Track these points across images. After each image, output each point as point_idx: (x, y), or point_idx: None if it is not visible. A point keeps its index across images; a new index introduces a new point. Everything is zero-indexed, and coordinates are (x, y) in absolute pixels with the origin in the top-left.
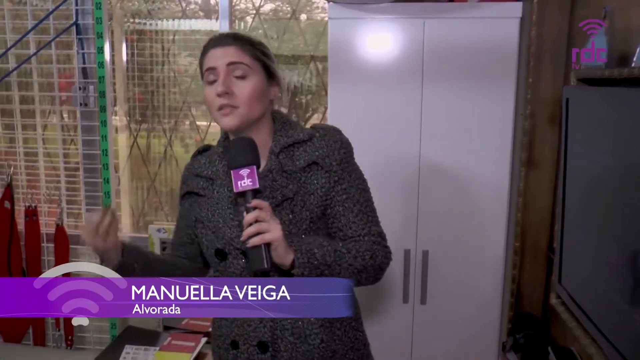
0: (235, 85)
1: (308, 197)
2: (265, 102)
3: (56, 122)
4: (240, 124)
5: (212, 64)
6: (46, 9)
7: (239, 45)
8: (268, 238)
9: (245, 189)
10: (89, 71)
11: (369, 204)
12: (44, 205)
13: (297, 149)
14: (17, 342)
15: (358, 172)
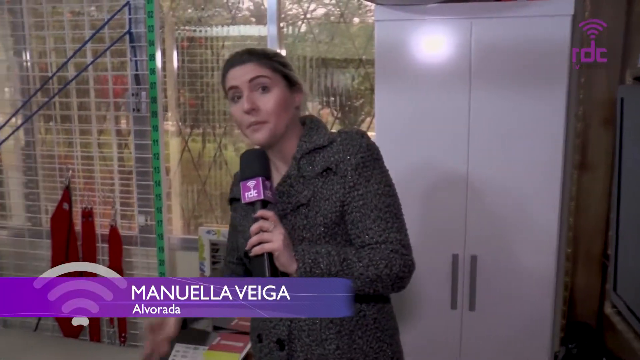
0: (259, 100)
1: (323, 203)
2: (291, 110)
3: (111, 127)
4: (270, 137)
5: (233, 83)
6: (102, 18)
7: (256, 60)
8: (268, 248)
9: (251, 200)
10: (142, 78)
11: (389, 210)
12: (99, 206)
13: (318, 154)
14: (74, 337)
15: (379, 177)
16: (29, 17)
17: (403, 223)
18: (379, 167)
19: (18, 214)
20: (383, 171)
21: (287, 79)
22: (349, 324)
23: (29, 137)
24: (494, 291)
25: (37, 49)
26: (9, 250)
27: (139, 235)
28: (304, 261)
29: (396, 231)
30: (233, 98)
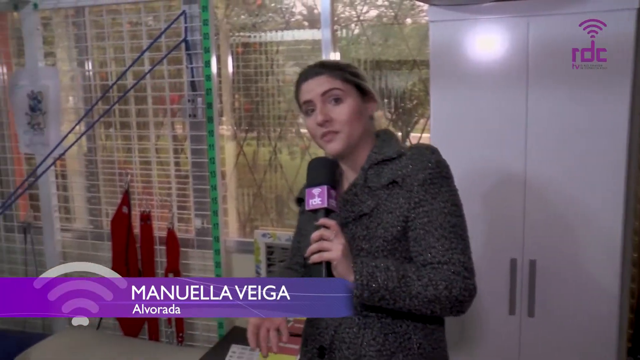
0: (332, 111)
1: (386, 216)
2: (364, 120)
3: (167, 133)
4: (344, 147)
5: (307, 97)
6: (158, 28)
7: (328, 72)
8: (326, 257)
9: (315, 207)
10: (197, 84)
11: (455, 230)
12: (157, 210)
13: (387, 166)
14: (134, 336)
15: (447, 196)
16: (91, 29)
17: (468, 245)
18: (447, 185)
19: (81, 216)
20: (451, 190)
21: (359, 88)
22: (391, 345)
23: (90, 144)
24: (554, 297)
25: (98, 59)
26: (73, 252)
27: (195, 238)
28: (361, 273)
29: (460, 253)
30: (307, 112)
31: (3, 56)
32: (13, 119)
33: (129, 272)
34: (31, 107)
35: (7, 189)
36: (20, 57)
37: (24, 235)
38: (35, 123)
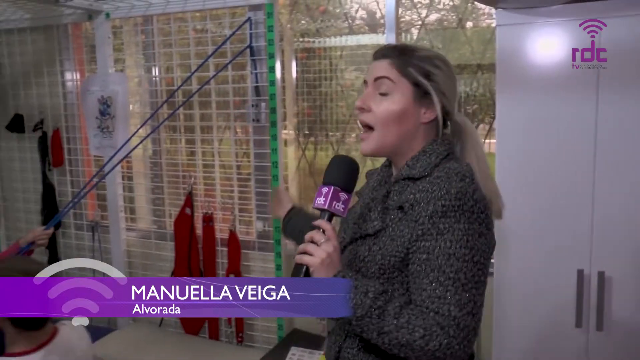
0: (374, 100)
1: (389, 242)
2: (409, 125)
3: (230, 136)
4: (375, 150)
5: (366, 77)
6: (223, 34)
7: (392, 58)
8: (305, 260)
9: (319, 207)
10: (261, 89)
11: (457, 277)
12: (219, 212)
13: (410, 185)
14: (194, 334)
15: (457, 235)
16: (158, 37)
17: (471, 299)
18: (464, 221)
19: (144, 217)
20: (467, 229)
21: (417, 86)
22: None
23: (155, 147)
24: (624, 310)
25: (165, 65)
26: (137, 251)
27: (257, 240)
28: None
29: (455, 305)
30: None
31: (77, 63)
32: (84, 122)
33: (190, 272)
34: (101, 112)
35: (77, 189)
36: (92, 64)
37: (92, 233)
38: (104, 127)
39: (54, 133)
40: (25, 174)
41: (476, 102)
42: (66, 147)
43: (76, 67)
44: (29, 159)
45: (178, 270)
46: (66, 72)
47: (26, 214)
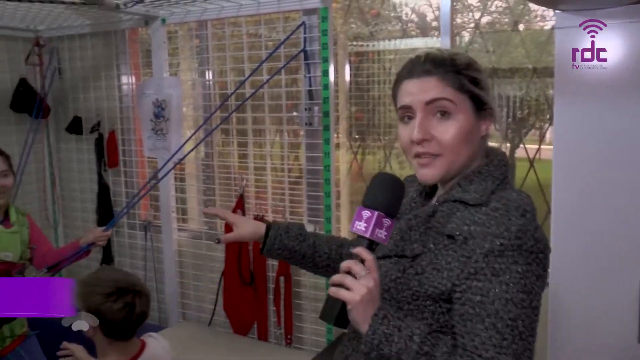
0: (435, 127)
1: (430, 270)
2: (474, 142)
3: (282, 140)
4: (441, 176)
5: (406, 101)
6: (276, 39)
7: (441, 74)
8: (342, 295)
9: (358, 232)
10: (314, 93)
11: (515, 324)
12: (270, 215)
13: (460, 210)
14: (243, 334)
15: (515, 278)
16: (212, 41)
17: (527, 348)
18: (522, 262)
19: (196, 218)
20: (525, 271)
21: (475, 100)
22: None
23: (208, 149)
24: None
25: (218, 69)
26: (188, 251)
27: None
28: (376, 331)
29: (512, 355)
30: (403, 117)
31: (133, 68)
32: (138, 125)
33: (241, 273)
34: (155, 114)
35: (131, 190)
36: (146, 68)
37: (144, 232)
38: (158, 129)
39: (109, 135)
40: (82, 174)
41: (528, 106)
42: (121, 149)
43: (132, 71)
44: (86, 160)
45: (228, 271)
46: (122, 76)
47: (82, 212)
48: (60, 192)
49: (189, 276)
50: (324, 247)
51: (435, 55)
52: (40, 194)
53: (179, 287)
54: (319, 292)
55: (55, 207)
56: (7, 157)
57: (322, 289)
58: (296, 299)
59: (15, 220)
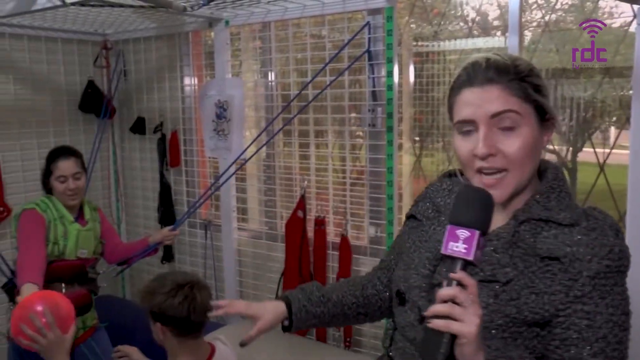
0: (500, 141)
1: (527, 295)
2: (538, 155)
3: (345, 141)
4: (511, 194)
5: (467, 113)
6: (338, 39)
7: (504, 83)
8: (456, 329)
9: (454, 255)
10: (378, 94)
11: (620, 347)
12: (331, 216)
13: (548, 229)
14: (302, 335)
15: (618, 300)
16: (275, 42)
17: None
18: (621, 284)
19: (256, 218)
20: (623, 292)
21: (538, 109)
22: None
23: (269, 150)
24: None
25: (281, 70)
26: (248, 250)
27: (368, 245)
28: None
29: None
30: (462, 131)
31: (195, 69)
32: (200, 125)
33: (301, 274)
34: (217, 115)
35: (192, 189)
36: (209, 69)
37: (204, 231)
38: (220, 129)
39: (172, 135)
40: (145, 173)
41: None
42: (183, 149)
43: (194, 73)
44: (148, 159)
45: (288, 272)
46: (185, 78)
47: (144, 210)
48: (123, 190)
49: (248, 275)
50: (349, 298)
51: (498, 60)
52: (105, 191)
53: (239, 286)
54: None
55: (118, 205)
56: (80, 157)
57: None
58: None
59: (89, 217)
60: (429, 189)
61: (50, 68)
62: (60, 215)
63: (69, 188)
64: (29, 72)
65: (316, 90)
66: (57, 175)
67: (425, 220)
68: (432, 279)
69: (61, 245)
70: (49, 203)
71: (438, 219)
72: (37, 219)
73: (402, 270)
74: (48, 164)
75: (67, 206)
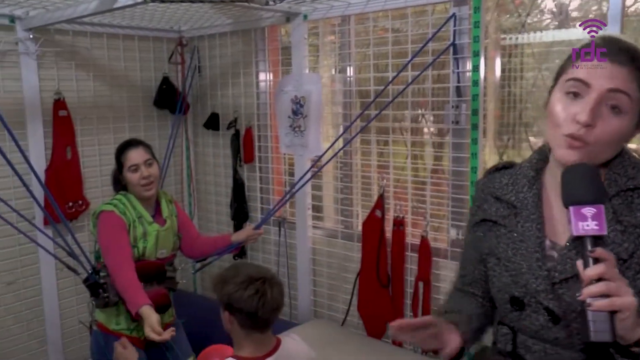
0: (601, 117)
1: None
2: (620, 146)
3: (427, 139)
4: (581, 160)
5: (585, 76)
6: (420, 33)
7: (633, 69)
8: (619, 304)
9: (588, 234)
10: (462, 90)
11: None
12: (410, 216)
13: (637, 196)
14: (377, 338)
15: None
16: (354, 36)
17: None
18: None
19: (331, 216)
20: None
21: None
22: None
23: (346, 147)
24: None
25: (359, 65)
26: (323, 249)
27: (449, 248)
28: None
29: None
30: (569, 90)
31: (271, 65)
32: (275, 122)
33: (379, 276)
34: (293, 111)
35: (265, 185)
36: (285, 65)
37: (278, 228)
38: (296, 126)
39: (246, 131)
40: (217, 169)
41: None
42: (257, 145)
43: (270, 68)
44: (221, 155)
45: (364, 272)
46: (260, 73)
47: (216, 205)
48: (195, 186)
49: (322, 274)
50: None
51: (631, 47)
52: (178, 186)
53: (312, 285)
54: None
55: (191, 200)
56: (148, 146)
57: None
58: (434, 306)
59: (167, 215)
60: (486, 189)
61: (127, 65)
62: (138, 215)
63: (143, 176)
64: (108, 69)
65: (395, 86)
66: (129, 165)
67: (501, 219)
68: (552, 279)
69: (141, 247)
70: (126, 202)
71: (517, 217)
72: (118, 223)
73: (508, 277)
74: (118, 158)
75: (143, 200)
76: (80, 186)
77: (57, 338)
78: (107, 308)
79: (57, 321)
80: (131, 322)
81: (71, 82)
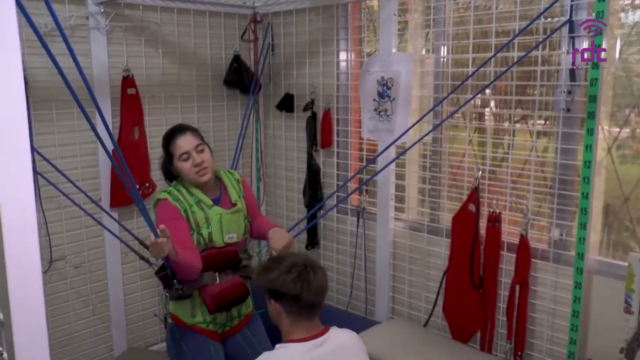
0: None
1: None
2: None
3: (531, 127)
4: None
5: None
6: (528, 9)
7: None
8: None
9: None
10: (577, 73)
11: None
12: (508, 212)
13: None
14: (463, 342)
15: None
16: (452, 13)
17: None
18: None
19: (415, 208)
20: None
21: None
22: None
23: (436, 134)
24: None
25: (456, 45)
26: (405, 242)
27: (551, 250)
28: None
29: None
30: None
31: (352, 43)
32: (356, 104)
33: (472, 275)
34: (379, 93)
35: (343, 172)
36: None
37: (356, 219)
38: (381, 109)
39: (324, 114)
40: (289, 153)
41: None
42: (335, 129)
43: (351, 48)
44: (295, 138)
45: (452, 270)
46: (341, 53)
47: (287, 191)
48: (265, 170)
49: (403, 270)
50: None
51: None
52: (246, 170)
53: (392, 280)
54: (560, 307)
55: (259, 185)
56: (196, 130)
57: (564, 303)
58: (531, 312)
59: (237, 198)
60: None
61: (197, 42)
62: (196, 200)
63: (195, 163)
64: (177, 46)
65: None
66: (179, 154)
67: None
68: None
69: (205, 233)
70: (181, 188)
71: None
72: (173, 209)
73: None
74: (166, 148)
75: (201, 186)
76: (148, 168)
77: (122, 322)
78: (182, 300)
79: (122, 306)
80: (207, 315)
81: (140, 58)
